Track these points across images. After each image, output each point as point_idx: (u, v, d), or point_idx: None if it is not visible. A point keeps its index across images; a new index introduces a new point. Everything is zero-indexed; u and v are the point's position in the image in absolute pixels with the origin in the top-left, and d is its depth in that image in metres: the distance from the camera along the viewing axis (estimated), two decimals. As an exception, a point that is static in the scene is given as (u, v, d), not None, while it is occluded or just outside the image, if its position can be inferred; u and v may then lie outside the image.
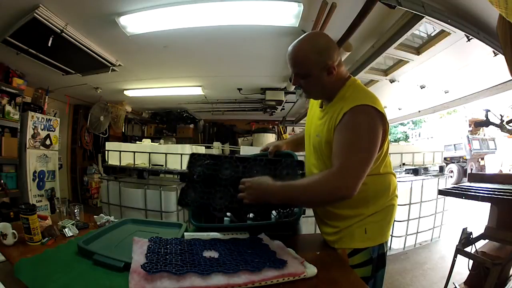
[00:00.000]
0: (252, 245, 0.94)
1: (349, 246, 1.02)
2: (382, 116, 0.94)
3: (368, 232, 1.02)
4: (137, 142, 4.51)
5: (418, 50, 2.76)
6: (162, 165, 3.07)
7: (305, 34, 1.02)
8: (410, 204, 3.26)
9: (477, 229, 1.81)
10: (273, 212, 1.17)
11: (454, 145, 9.31)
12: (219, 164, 1.17)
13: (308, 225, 1.24)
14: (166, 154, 3.03)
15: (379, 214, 1.04)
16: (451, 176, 8.87)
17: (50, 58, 2.94)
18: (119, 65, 3.17)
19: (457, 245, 1.75)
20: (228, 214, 1.20)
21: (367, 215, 1.02)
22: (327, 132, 1.00)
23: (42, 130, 3.67)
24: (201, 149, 3.48)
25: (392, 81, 3.52)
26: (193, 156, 1.20)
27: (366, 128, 0.92)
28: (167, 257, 0.82)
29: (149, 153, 3.15)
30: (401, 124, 14.05)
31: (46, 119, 3.74)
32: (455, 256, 1.75)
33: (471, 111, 9.12)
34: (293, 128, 7.10)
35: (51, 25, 2.18)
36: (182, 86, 4.19)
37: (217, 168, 1.16)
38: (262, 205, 1.00)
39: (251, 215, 1.20)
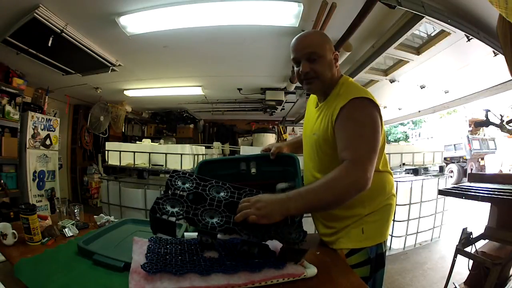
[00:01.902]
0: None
1: (346, 246, 1.02)
2: (377, 107, 0.95)
3: (365, 232, 1.02)
4: (137, 142, 4.50)
5: (418, 50, 2.76)
6: (162, 165, 3.07)
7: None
8: (410, 204, 3.26)
9: (477, 229, 1.81)
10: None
11: (454, 145, 9.31)
12: (209, 186, 0.96)
13: (308, 225, 1.23)
14: (166, 154, 3.03)
15: (376, 213, 1.04)
16: (451, 176, 8.87)
17: (50, 58, 2.95)
18: (119, 65, 3.17)
19: (457, 245, 1.75)
20: None
21: (363, 215, 1.02)
22: (323, 129, 1.01)
23: (42, 130, 3.67)
24: (201, 149, 3.48)
25: (392, 81, 3.52)
26: (176, 172, 0.97)
27: (367, 119, 0.93)
28: (167, 257, 0.82)
29: (149, 153, 3.15)
30: (401, 124, 14.07)
31: (46, 119, 3.74)
32: (455, 256, 1.75)
33: (471, 111, 9.12)
34: (293, 128, 7.11)
35: (51, 25, 2.18)
36: (182, 86, 4.19)
37: (206, 189, 0.94)
38: (274, 226, 0.81)
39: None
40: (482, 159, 8.75)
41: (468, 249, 1.72)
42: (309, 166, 1.14)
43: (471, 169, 8.54)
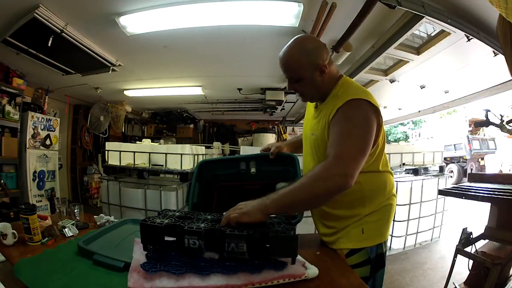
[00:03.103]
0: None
1: (346, 246, 1.02)
2: (375, 109, 0.95)
3: (365, 232, 1.02)
4: (137, 142, 4.50)
5: (418, 50, 2.76)
6: (162, 165, 3.07)
7: (292, 39, 1.02)
8: (410, 204, 3.26)
9: (477, 229, 1.81)
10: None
11: (454, 145, 9.31)
12: (195, 214, 0.96)
13: (308, 225, 1.23)
14: (166, 154, 3.03)
15: (376, 213, 1.04)
16: (451, 176, 8.87)
17: (50, 58, 2.95)
18: (119, 65, 3.17)
19: (457, 245, 1.75)
20: None
21: (363, 215, 1.02)
22: (321, 130, 1.01)
23: (42, 130, 3.67)
24: (201, 149, 3.48)
25: (392, 81, 3.52)
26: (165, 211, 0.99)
27: (360, 118, 0.93)
28: (167, 257, 0.82)
29: (149, 153, 3.15)
30: (401, 124, 14.07)
31: (46, 119, 3.74)
32: (455, 256, 1.75)
33: (471, 111, 9.12)
34: (293, 128, 7.11)
35: (51, 25, 2.18)
36: (182, 86, 4.19)
37: (192, 214, 0.95)
38: (260, 228, 0.82)
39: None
40: (482, 159, 8.75)
41: (468, 249, 1.72)
42: (309, 166, 1.14)
43: (471, 169, 8.54)
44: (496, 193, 1.64)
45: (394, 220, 3.16)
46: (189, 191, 1.27)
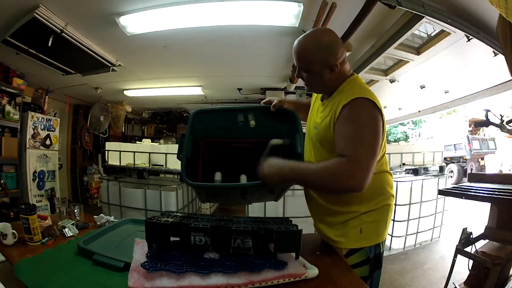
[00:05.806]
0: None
1: (345, 246, 1.03)
2: (380, 111, 0.94)
3: (363, 232, 1.02)
4: (137, 142, 4.51)
5: (418, 50, 2.76)
6: (162, 165, 3.07)
7: (311, 30, 1.03)
8: (410, 204, 3.26)
9: (477, 229, 1.81)
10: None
11: (454, 145, 9.30)
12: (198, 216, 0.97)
13: (308, 225, 1.23)
14: (166, 154, 3.03)
15: (374, 213, 1.03)
16: (451, 176, 8.86)
17: (50, 58, 2.94)
18: (119, 65, 3.16)
19: (457, 245, 1.75)
20: (218, 177, 1.13)
21: (361, 212, 1.02)
22: (325, 126, 1.01)
23: (42, 130, 3.67)
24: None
25: (392, 81, 3.52)
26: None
27: (368, 119, 0.92)
28: (167, 257, 0.82)
29: (149, 153, 3.15)
30: (401, 124, 14.05)
31: (46, 119, 3.74)
32: (455, 256, 1.75)
33: (471, 111, 9.12)
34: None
35: (51, 25, 2.18)
36: (182, 86, 4.19)
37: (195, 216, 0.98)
38: (262, 224, 0.89)
39: (243, 179, 1.10)
40: (482, 159, 8.74)
41: (468, 249, 1.72)
42: (309, 156, 1.13)
43: (471, 169, 8.53)
44: (496, 193, 1.64)
45: (394, 220, 3.16)
46: (182, 143, 1.15)
